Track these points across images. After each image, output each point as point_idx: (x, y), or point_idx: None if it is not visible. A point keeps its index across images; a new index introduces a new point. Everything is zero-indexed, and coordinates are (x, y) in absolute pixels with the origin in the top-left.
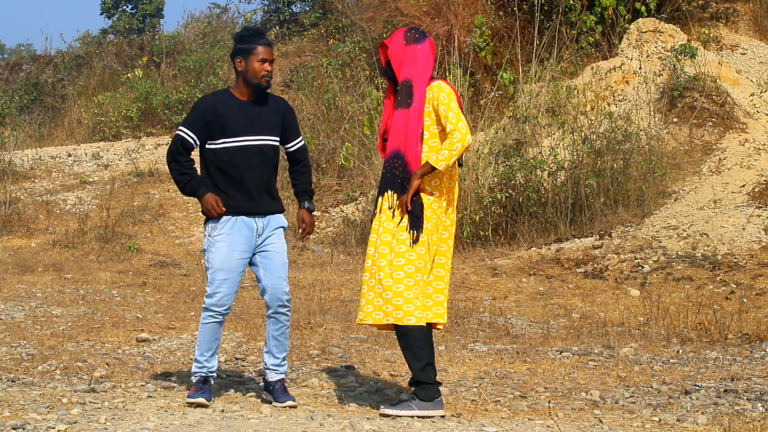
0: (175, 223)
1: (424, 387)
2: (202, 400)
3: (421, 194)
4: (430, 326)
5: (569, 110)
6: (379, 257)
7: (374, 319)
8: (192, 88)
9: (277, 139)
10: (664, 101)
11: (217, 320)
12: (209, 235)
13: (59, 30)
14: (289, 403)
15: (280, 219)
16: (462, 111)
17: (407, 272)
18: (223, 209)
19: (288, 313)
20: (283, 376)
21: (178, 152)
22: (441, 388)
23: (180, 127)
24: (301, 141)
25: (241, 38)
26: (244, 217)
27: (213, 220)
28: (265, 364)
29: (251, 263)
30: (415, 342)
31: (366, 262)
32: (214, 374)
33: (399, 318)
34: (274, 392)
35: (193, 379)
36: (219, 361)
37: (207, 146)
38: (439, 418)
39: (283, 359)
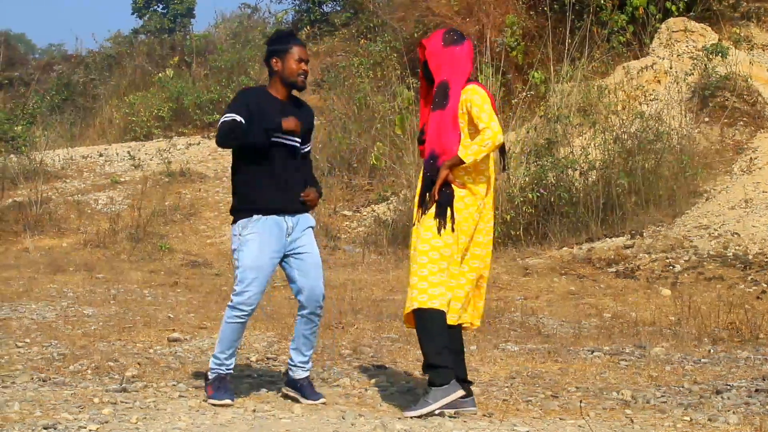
0: (207, 222)
1: (437, 371)
2: (227, 401)
3: (453, 186)
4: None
5: (600, 110)
6: (412, 250)
7: (405, 310)
8: (223, 87)
9: (300, 141)
10: (695, 101)
11: (243, 320)
12: (239, 234)
13: (90, 30)
14: (322, 400)
15: (308, 218)
16: (496, 113)
17: (431, 258)
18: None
19: (322, 313)
20: (308, 374)
21: (228, 132)
22: (473, 388)
23: (225, 114)
24: (309, 146)
25: (275, 40)
26: (274, 216)
27: (243, 219)
28: (291, 361)
29: (283, 264)
30: (434, 326)
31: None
32: (231, 371)
33: (423, 301)
34: (302, 389)
35: (210, 376)
36: (250, 361)
37: None
38: (471, 415)
39: (311, 357)
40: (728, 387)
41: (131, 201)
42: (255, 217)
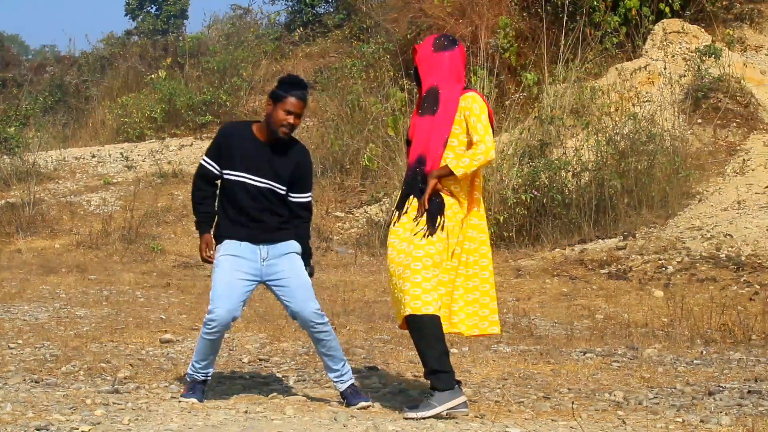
0: None
1: (440, 375)
2: (194, 400)
3: (442, 194)
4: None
5: (593, 111)
6: (398, 254)
7: (399, 316)
8: (215, 89)
9: (283, 188)
10: (688, 102)
11: (213, 337)
12: (216, 257)
13: (84, 31)
14: (362, 404)
15: (289, 245)
16: (492, 125)
17: (425, 264)
18: (210, 257)
19: (324, 327)
20: (349, 383)
21: (198, 181)
22: (464, 389)
23: (203, 157)
24: (307, 197)
25: (280, 83)
26: (248, 243)
27: (220, 242)
28: (330, 378)
29: (273, 291)
30: (431, 331)
31: (390, 266)
32: (209, 378)
33: (417, 308)
34: (346, 398)
35: (187, 378)
36: (243, 362)
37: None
38: (463, 417)
39: (343, 367)
40: (721, 388)
41: (124, 202)
42: (229, 241)
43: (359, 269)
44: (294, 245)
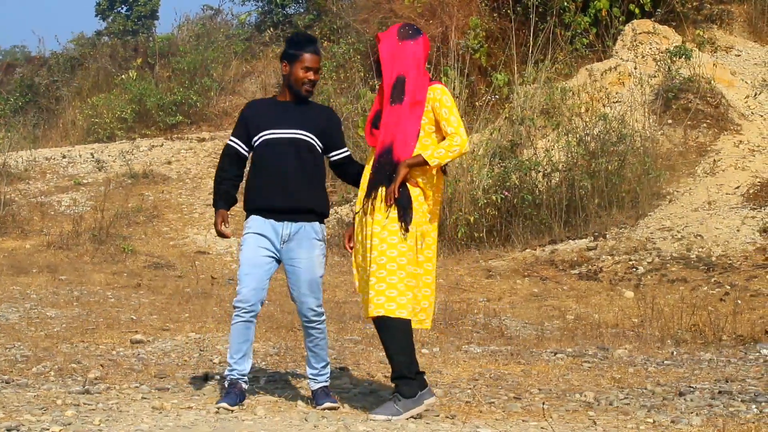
0: (170, 224)
1: (408, 382)
2: (224, 404)
3: (408, 185)
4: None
5: (564, 112)
6: (371, 249)
7: (369, 312)
8: (186, 89)
9: (313, 137)
10: (658, 103)
11: (244, 318)
12: (243, 233)
13: (54, 32)
14: (327, 404)
15: (313, 230)
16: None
17: (400, 264)
18: (227, 232)
19: (318, 326)
20: (322, 384)
21: (222, 161)
22: (435, 390)
23: (230, 136)
24: (346, 152)
25: (290, 43)
26: (272, 221)
27: (247, 217)
28: (307, 373)
29: (284, 270)
30: (402, 336)
31: (354, 263)
32: (245, 377)
33: (391, 310)
34: (315, 398)
35: (225, 383)
36: (213, 363)
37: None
38: (434, 418)
39: (322, 368)
40: (691, 389)
41: (94, 203)
42: (255, 217)
43: (330, 270)
44: (318, 229)
